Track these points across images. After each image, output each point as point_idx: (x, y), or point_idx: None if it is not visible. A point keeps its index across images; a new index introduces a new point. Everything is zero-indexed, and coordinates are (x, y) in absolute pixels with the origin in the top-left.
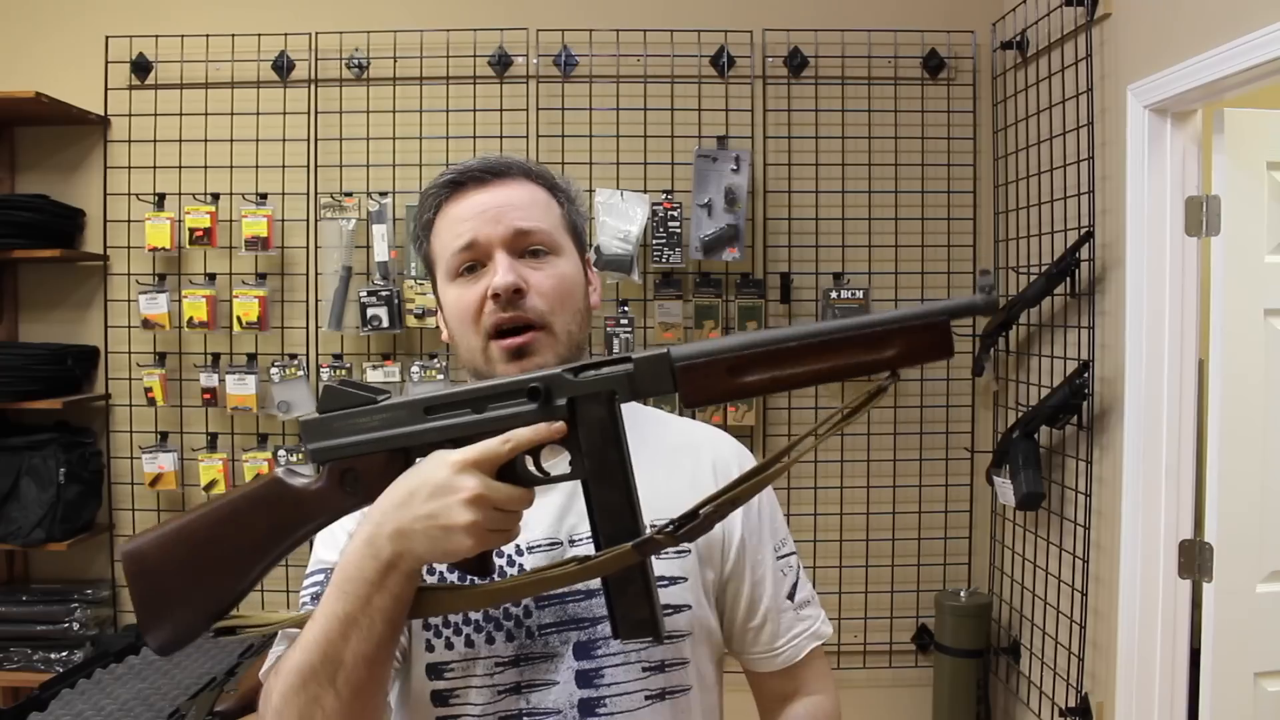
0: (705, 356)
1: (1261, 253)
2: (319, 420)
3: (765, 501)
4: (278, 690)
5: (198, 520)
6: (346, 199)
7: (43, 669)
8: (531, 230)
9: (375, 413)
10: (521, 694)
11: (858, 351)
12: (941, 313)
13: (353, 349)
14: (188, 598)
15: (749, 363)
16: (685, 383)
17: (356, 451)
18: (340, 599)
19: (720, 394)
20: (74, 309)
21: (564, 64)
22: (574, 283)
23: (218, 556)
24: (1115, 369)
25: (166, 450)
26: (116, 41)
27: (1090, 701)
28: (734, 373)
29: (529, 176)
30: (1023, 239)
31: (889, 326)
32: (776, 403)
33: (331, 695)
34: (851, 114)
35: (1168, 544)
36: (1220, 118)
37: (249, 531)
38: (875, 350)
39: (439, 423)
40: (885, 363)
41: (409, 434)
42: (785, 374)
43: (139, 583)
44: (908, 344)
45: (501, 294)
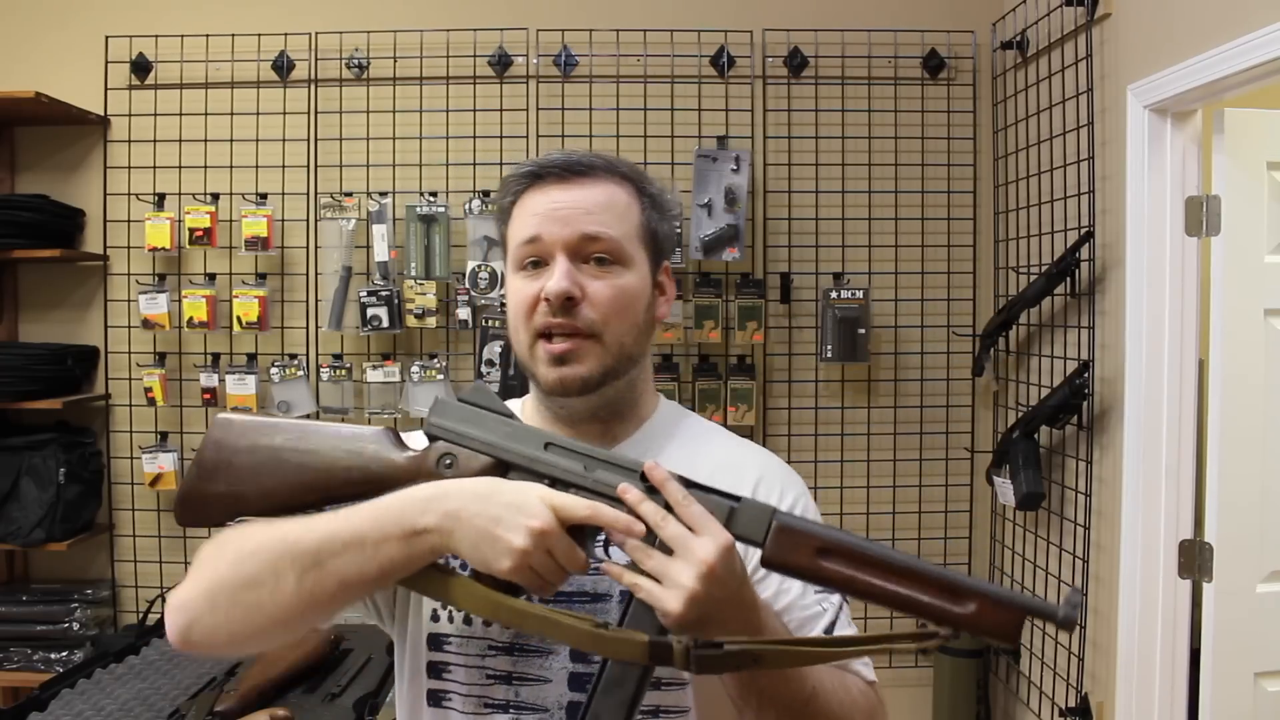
0: (804, 528)
1: (1261, 253)
2: (453, 404)
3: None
4: (256, 538)
5: (293, 426)
6: (346, 199)
7: (42, 669)
8: (599, 236)
9: (503, 425)
10: (511, 684)
11: (936, 594)
12: (1024, 604)
13: (353, 349)
14: (239, 486)
15: (837, 552)
16: (774, 542)
17: (469, 444)
18: (367, 520)
19: (798, 566)
20: (74, 309)
21: (564, 64)
22: (634, 295)
23: (286, 466)
24: (1115, 369)
25: (166, 450)
26: (116, 41)
27: (1090, 701)
28: (820, 554)
29: (614, 177)
30: (1023, 239)
31: (976, 588)
32: (777, 403)
33: (293, 581)
34: (851, 114)
35: (1168, 544)
36: (1220, 118)
37: (327, 461)
38: (952, 601)
39: (549, 458)
40: (952, 617)
41: (520, 454)
42: (862, 579)
43: (211, 447)
44: (982, 611)
45: (552, 299)
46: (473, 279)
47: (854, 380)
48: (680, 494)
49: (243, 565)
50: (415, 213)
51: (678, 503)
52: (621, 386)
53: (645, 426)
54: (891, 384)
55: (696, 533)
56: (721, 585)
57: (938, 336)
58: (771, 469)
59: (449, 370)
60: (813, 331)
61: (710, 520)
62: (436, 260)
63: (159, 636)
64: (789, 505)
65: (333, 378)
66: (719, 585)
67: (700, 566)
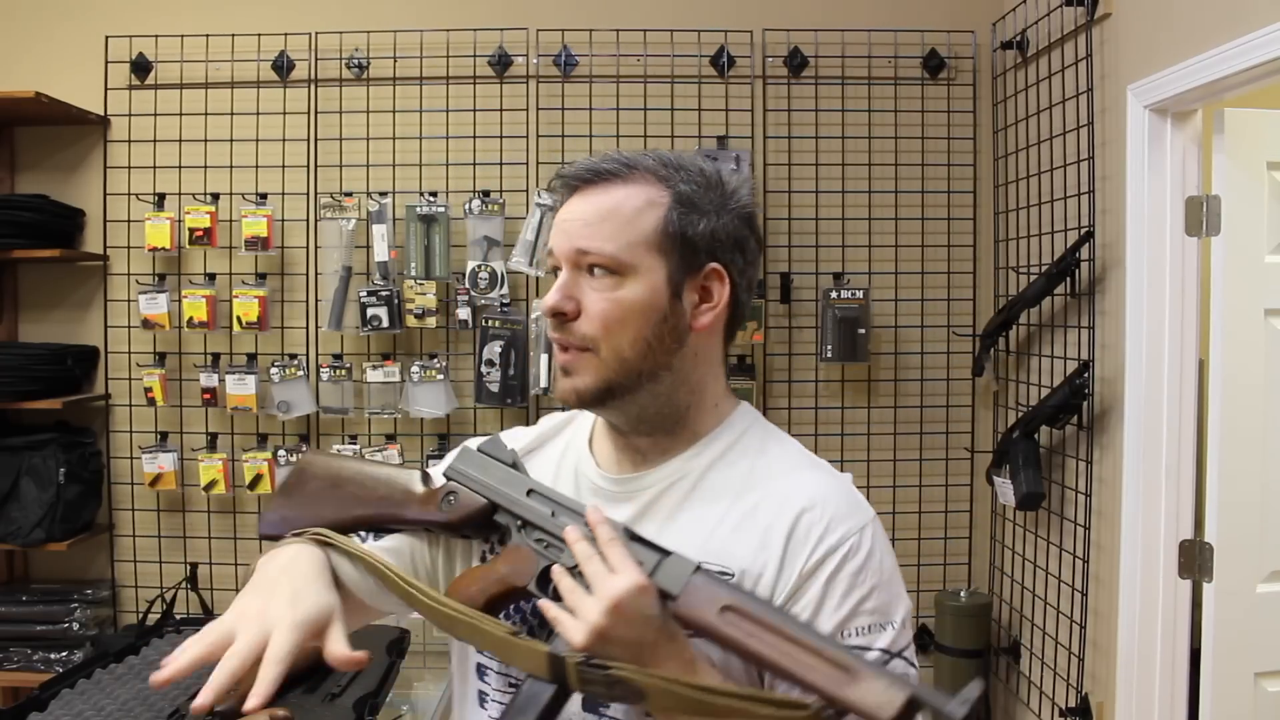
0: (715, 584)
1: (1262, 252)
2: (473, 452)
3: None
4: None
5: (353, 463)
6: (346, 199)
7: (42, 669)
8: (589, 250)
9: (502, 471)
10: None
11: (822, 672)
12: (912, 691)
13: (352, 349)
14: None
15: (737, 611)
16: (685, 594)
17: (469, 485)
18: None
19: (700, 622)
20: (74, 309)
21: (564, 64)
22: (634, 307)
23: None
24: (1115, 369)
25: (166, 450)
26: (116, 41)
27: (1090, 702)
28: (722, 611)
29: (631, 179)
30: (1023, 239)
31: (864, 672)
32: (777, 403)
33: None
34: (851, 114)
35: (1168, 544)
36: (1220, 118)
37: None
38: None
39: (526, 502)
40: (834, 698)
41: (505, 496)
42: (751, 643)
43: (295, 474)
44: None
45: (543, 314)
46: (473, 279)
47: (854, 380)
48: (606, 535)
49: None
50: (415, 213)
51: (601, 543)
52: (646, 400)
53: (705, 441)
54: (891, 384)
55: (614, 572)
56: (627, 624)
57: (938, 336)
58: (825, 503)
59: (449, 370)
60: (813, 331)
61: (627, 562)
62: (436, 260)
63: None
64: (831, 545)
65: (333, 378)
66: (624, 623)
67: (604, 603)
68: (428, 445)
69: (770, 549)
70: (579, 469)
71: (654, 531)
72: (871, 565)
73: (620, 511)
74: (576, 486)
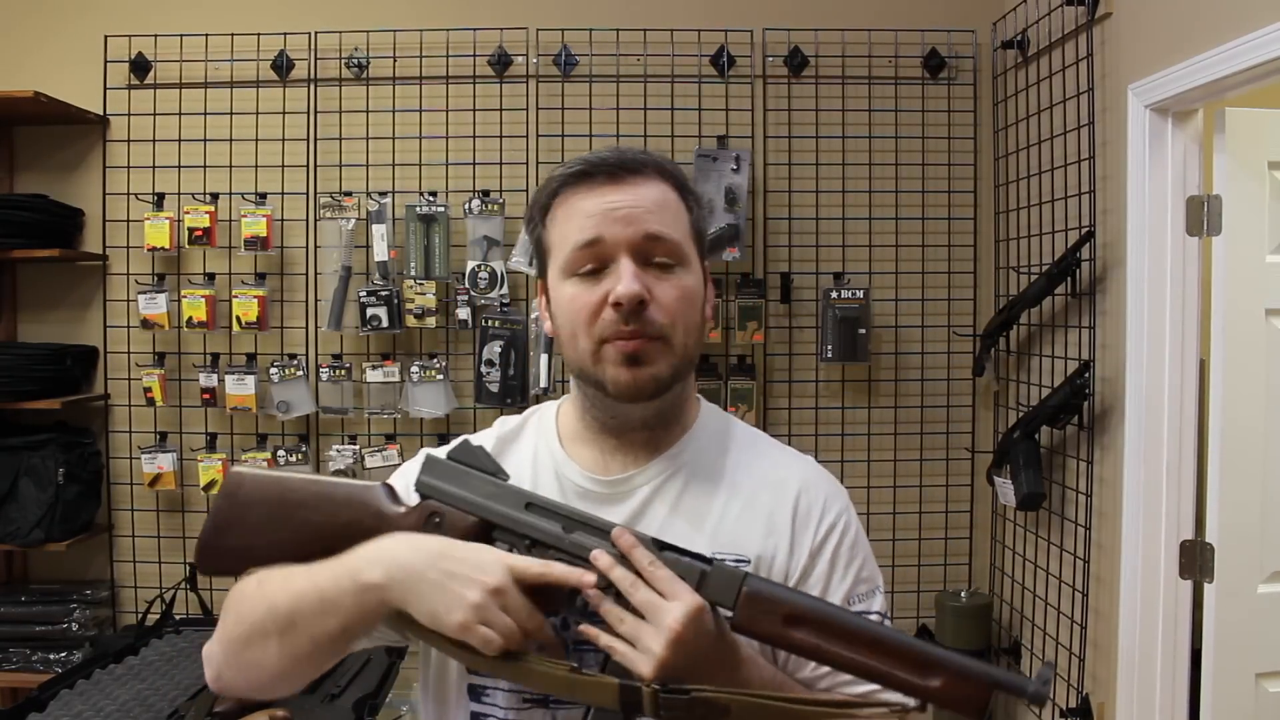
0: (773, 596)
1: (1263, 252)
2: (443, 462)
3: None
4: (249, 601)
5: (299, 482)
6: (346, 199)
7: (41, 670)
8: (663, 238)
9: (489, 484)
10: (549, 708)
11: (903, 666)
12: (991, 677)
13: (352, 349)
14: (247, 539)
15: (805, 621)
16: (742, 607)
17: (453, 503)
18: (329, 577)
19: (765, 633)
20: (73, 309)
21: (564, 63)
22: (695, 296)
23: (293, 520)
24: (1116, 369)
25: (166, 450)
26: (115, 41)
27: (1091, 702)
28: (788, 622)
29: (663, 176)
30: (1023, 239)
31: (943, 660)
32: (777, 403)
33: (275, 646)
34: (852, 114)
35: (1169, 544)
36: (1221, 117)
37: (330, 518)
38: (918, 673)
39: (530, 519)
40: (919, 689)
41: (501, 514)
42: (829, 648)
43: (225, 502)
44: (948, 684)
45: (625, 304)
46: (472, 279)
47: (854, 380)
48: (646, 560)
49: (241, 626)
50: (415, 212)
51: (644, 569)
52: (676, 392)
53: (688, 436)
54: (892, 384)
55: (666, 598)
56: (691, 649)
57: (938, 336)
58: (814, 481)
59: (449, 370)
60: (813, 331)
61: (678, 584)
62: (436, 260)
63: (158, 637)
64: (831, 521)
65: (332, 378)
66: (688, 649)
67: (668, 633)
68: (427, 445)
69: (778, 534)
70: (560, 473)
71: (658, 529)
72: (860, 537)
73: (615, 513)
74: (561, 491)
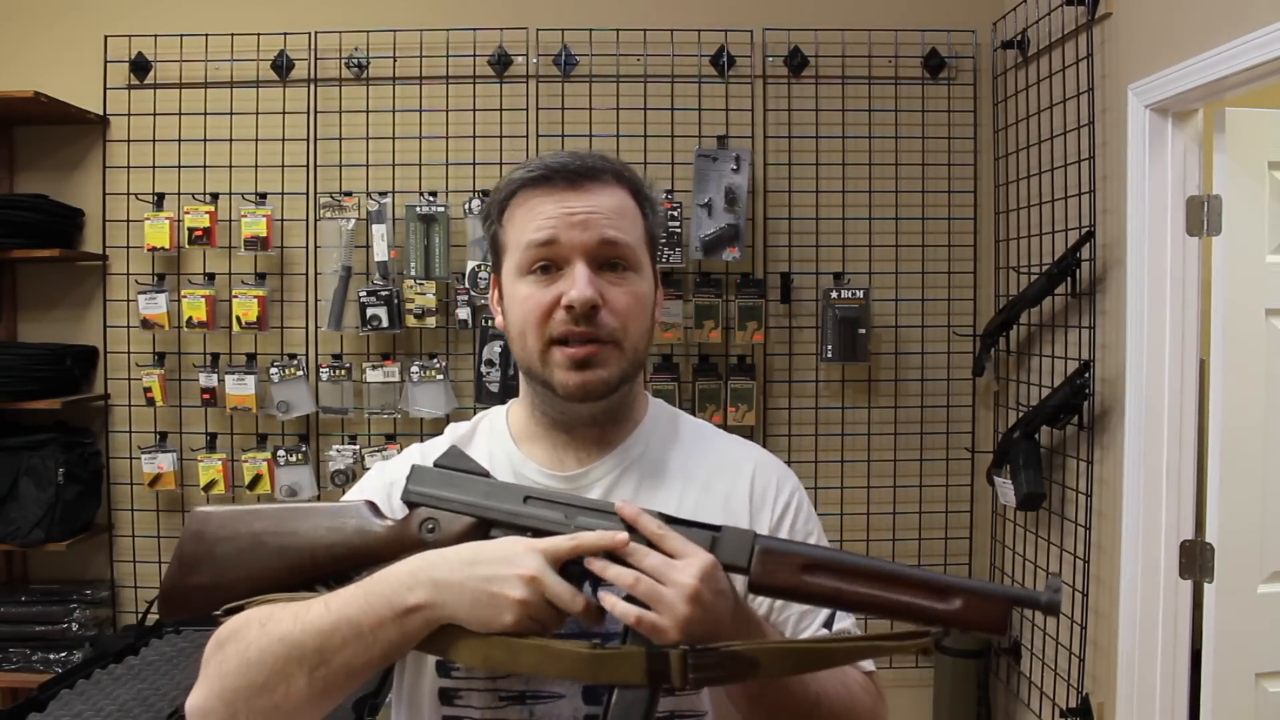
0: (785, 550)
1: (1262, 252)
2: (430, 470)
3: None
4: (257, 644)
5: (271, 511)
6: (346, 199)
7: (41, 670)
8: (618, 242)
9: (481, 483)
10: (526, 704)
11: (923, 595)
12: (1008, 595)
13: (352, 349)
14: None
15: (821, 569)
16: (759, 564)
17: (449, 507)
18: (358, 606)
19: (785, 587)
20: (73, 309)
21: (564, 63)
22: (647, 301)
23: (267, 549)
24: (1116, 369)
25: (166, 450)
26: (115, 41)
27: (1091, 702)
28: (805, 571)
29: (620, 182)
30: (1023, 239)
31: (960, 586)
32: (777, 403)
33: (303, 681)
34: (852, 114)
35: (1169, 544)
36: (1221, 117)
37: (311, 545)
38: (938, 601)
39: (530, 511)
40: (941, 616)
41: (500, 510)
42: (849, 589)
43: (190, 540)
44: (967, 607)
45: (578, 307)
46: (472, 279)
47: (854, 380)
48: (654, 525)
49: (251, 672)
50: (415, 213)
51: (654, 535)
52: (626, 390)
53: (639, 430)
54: (892, 384)
55: (682, 557)
56: (710, 607)
57: (938, 336)
58: (765, 464)
59: (449, 370)
60: (813, 331)
61: (688, 545)
62: (436, 260)
63: (158, 637)
64: (785, 500)
65: (332, 378)
66: (708, 607)
67: (686, 590)
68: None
69: (736, 516)
70: (518, 471)
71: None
72: (812, 514)
73: None
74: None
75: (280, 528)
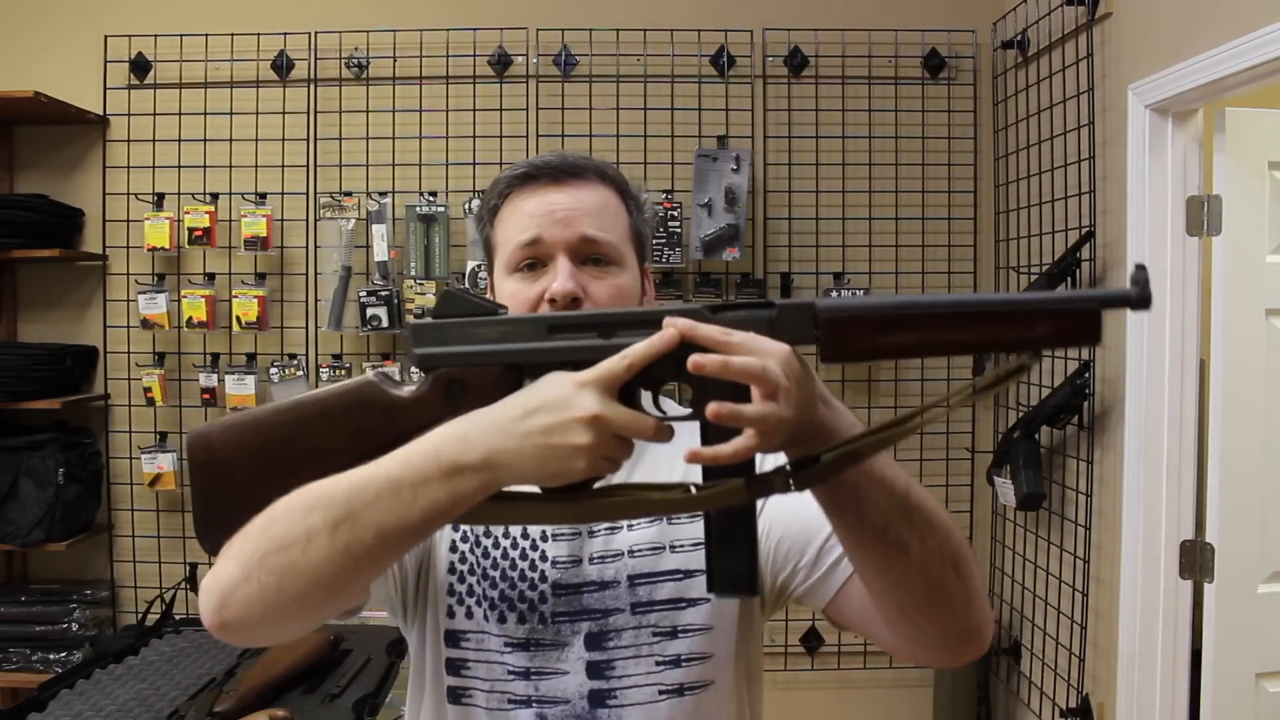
0: (852, 311)
1: (1263, 252)
2: (432, 325)
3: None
4: (284, 502)
5: (275, 414)
6: (346, 199)
7: (41, 670)
8: (598, 239)
9: (495, 324)
10: (530, 679)
11: (1007, 327)
12: (1093, 299)
13: (352, 349)
14: (252, 498)
15: (897, 323)
16: (828, 336)
17: (469, 362)
18: (399, 465)
19: (863, 351)
20: (73, 309)
21: (564, 63)
22: (630, 296)
23: (293, 457)
24: (1116, 369)
25: (166, 450)
26: (115, 41)
27: (1091, 702)
28: (880, 331)
29: (604, 180)
30: (1023, 239)
31: (1041, 306)
32: None
33: (326, 537)
34: (852, 114)
35: (1169, 544)
36: (1221, 117)
37: (332, 435)
38: (1023, 328)
39: (562, 343)
40: (1030, 341)
41: (528, 350)
42: (931, 339)
43: (202, 472)
44: (1056, 326)
45: (559, 300)
46: (472, 279)
47: (854, 380)
48: (717, 330)
49: (272, 528)
50: (415, 212)
51: (719, 341)
52: None
53: None
54: (892, 384)
55: (756, 354)
56: (804, 388)
57: None
58: None
59: None
60: None
61: (758, 340)
62: (436, 260)
63: (158, 637)
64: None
65: (332, 378)
66: (804, 388)
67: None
68: None
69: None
70: None
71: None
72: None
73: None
74: None
75: (299, 428)
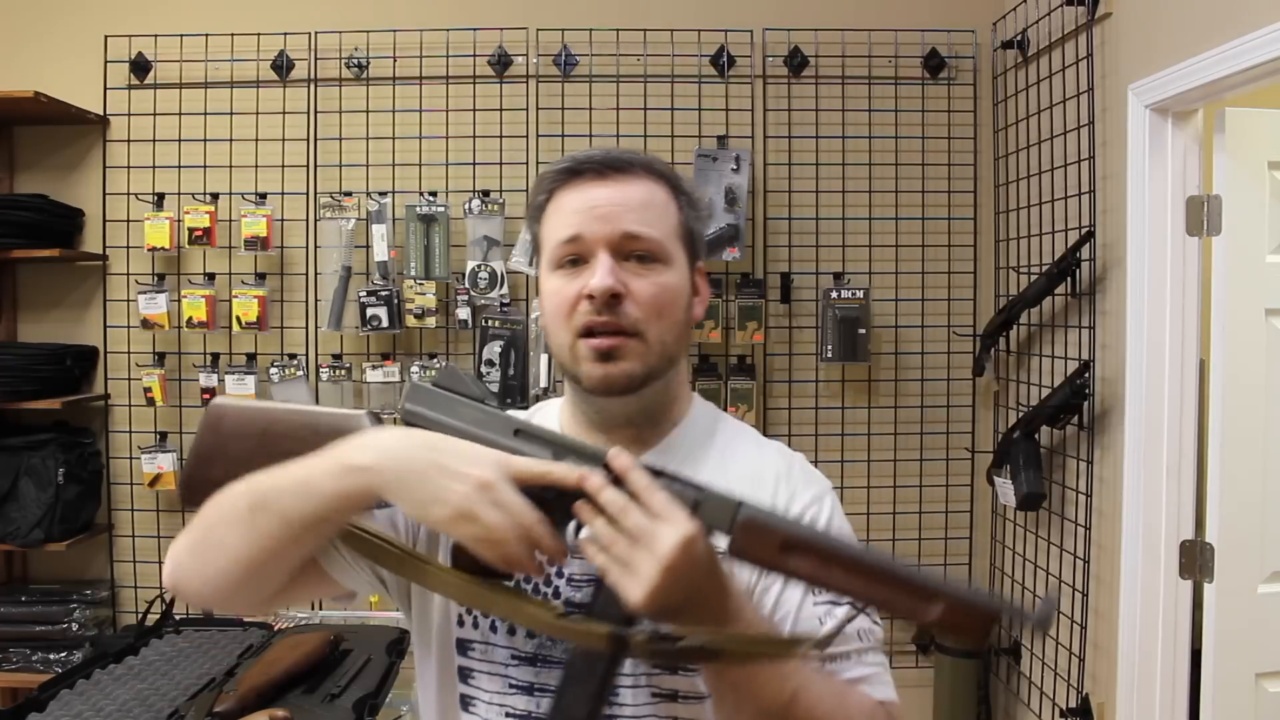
0: (768, 523)
1: (1262, 252)
2: (427, 390)
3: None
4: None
5: (284, 413)
6: (346, 199)
7: (41, 670)
8: (641, 235)
9: (474, 410)
10: (534, 695)
11: (904, 596)
12: (995, 606)
13: (352, 349)
14: (236, 471)
15: (802, 549)
16: (739, 535)
17: (440, 430)
18: (314, 462)
19: (762, 560)
20: (73, 309)
21: (564, 63)
22: (676, 294)
23: (277, 451)
24: (1116, 369)
25: (166, 450)
26: (115, 41)
27: (1091, 702)
28: (784, 549)
29: (651, 175)
30: (1023, 239)
31: (944, 591)
32: (777, 403)
33: (245, 520)
34: (851, 114)
35: (1169, 544)
36: (1221, 117)
37: (313, 446)
38: (919, 604)
39: (517, 444)
40: (920, 618)
41: (490, 440)
42: (827, 576)
43: (208, 435)
44: (949, 614)
45: (597, 296)
46: (472, 279)
47: (854, 380)
48: (644, 482)
49: (216, 508)
50: (415, 212)
51: (641, 490)
52: (659, 389)
53: (676, 432)
54: (892, 384)
55: (660, 521)
56: (685, 576)
57: (938, 336)
58: (791, 471)
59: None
60: (813, 331)
61: (673, 508)
62: (436, 260)
63: (158, 637)
64: (803, 505)
65: (332, 378)
66: (682, 576)
67: (661, 559)
68: None
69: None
70: None
71: None
72: (836, 518)
73: None
74: None
75: (292, 431)
